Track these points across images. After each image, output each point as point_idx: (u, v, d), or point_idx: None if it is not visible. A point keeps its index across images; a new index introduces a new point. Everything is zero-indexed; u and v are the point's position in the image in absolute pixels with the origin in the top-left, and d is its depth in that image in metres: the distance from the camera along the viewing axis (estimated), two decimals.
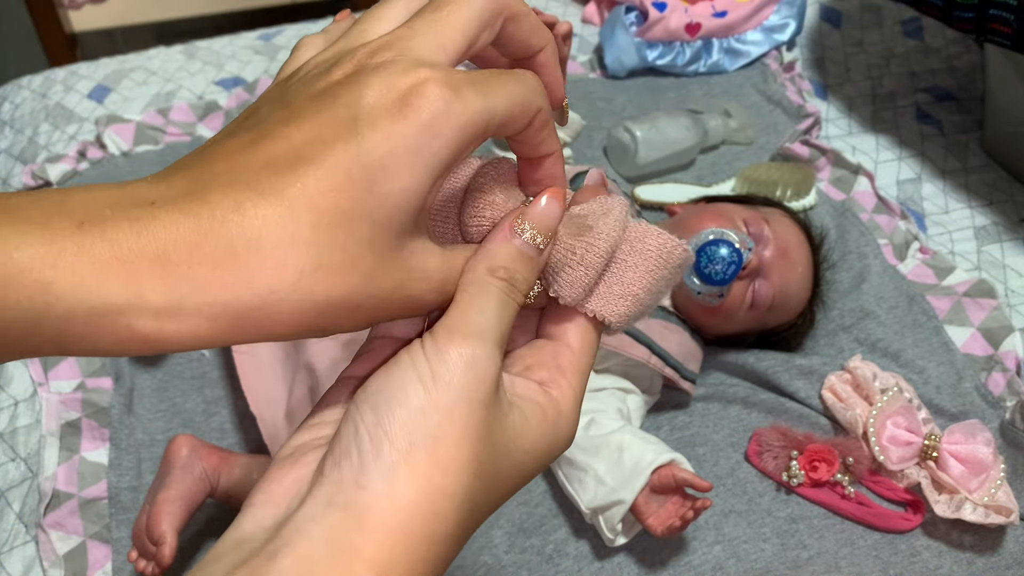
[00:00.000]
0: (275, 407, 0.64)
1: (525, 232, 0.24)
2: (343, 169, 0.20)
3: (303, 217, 0.19)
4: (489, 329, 0.22)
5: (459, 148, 0.21)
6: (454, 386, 0.21)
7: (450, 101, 0.20)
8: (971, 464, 0.64)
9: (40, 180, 0.85)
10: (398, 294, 0.21)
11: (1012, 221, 0.90)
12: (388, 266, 0.21)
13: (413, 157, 0.20)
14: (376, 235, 0.20)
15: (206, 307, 0.19)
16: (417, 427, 0.20)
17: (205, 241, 0.19)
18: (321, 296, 0.20)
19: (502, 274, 0.23)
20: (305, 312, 0.20)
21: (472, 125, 0.21)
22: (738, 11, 1.04)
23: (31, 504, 0.63)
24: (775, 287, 0.70)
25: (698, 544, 0.61)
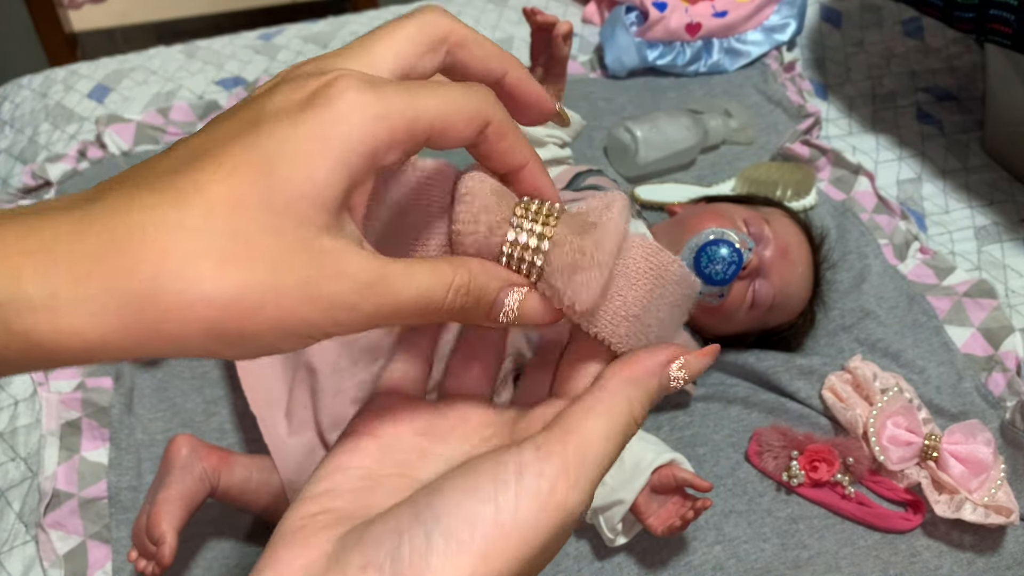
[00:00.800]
0: (275, 407, 0.64)
1: (675, 376, 0.23)
2: (239, 158, 0.19)
3: (194, 204, 0.18)
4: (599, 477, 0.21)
5: (372, 141, 0.19)
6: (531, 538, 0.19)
7: (362, 91, 0.19)
8: (971, 464, 0.64)
9: (40, 180, 0.85)
10: (308, 291, 0.19)
11: (1012, 221, 0.90)
12: (292, 259, 0.19)
13: (317, 144, 0.19)
14: (277, 224, 0.19)
15: (89, 300, 0.17)
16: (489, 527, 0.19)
17: (89, 232, 0.18)
18: (211, 286, 0.18)
19: (637, 411, 0.22)
20: (199, 311, 0.18)
21: (389, 118, 0.19)
22: (738, 11, 1.04)
23: (31, 504, 0.63)
24: (775, 287, 0.70)
25: (698, 544, 0.61)
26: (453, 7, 1.12)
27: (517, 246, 0.23)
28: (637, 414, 0.22)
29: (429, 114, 0.20)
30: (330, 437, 0.62)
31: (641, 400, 0.22)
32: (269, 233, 0.19)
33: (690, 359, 0.24)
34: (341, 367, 0.63)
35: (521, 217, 0.23)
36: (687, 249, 0.68)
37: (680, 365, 0.23)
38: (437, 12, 0.22)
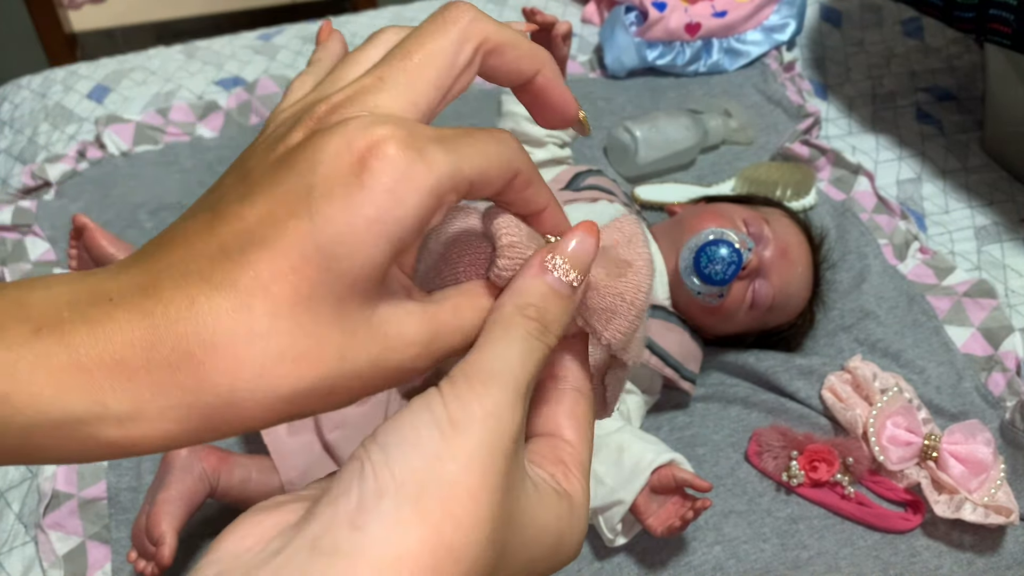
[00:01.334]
0: None
1: (557, 268, 0.22)
2: (297, 250, 0.18)
3: (258, 307, 0.18)
4: (512, 375, 0.20)
5: (425, 213, 0.19)
6: (474, 434, 0.19)
7: (413, 162, 0.19)
8: (971, 464, 0.64)
9: (40, 180, 0.85)
10: (378, 368, 0.20)
11: (1012, 221, 0.90)
12: (359, 342, 0.19)
13: (373, 227, 0.19)
14: (340, 313, 0.19)
15: (170, 410, 0.18)
16: (431, 473, 0.18)
17: (162, 343, 0.18)
18: (287, 388, 0.18)
19: (531, 313, 0.21)
20: (273, 405, 0.19)
21: (439, 188, 0.19)
22: (738, 11, 1.04)
23: (31, 504, 0.63)
24: (775, 287, 0.70)
25: (698, 544, 0.61)
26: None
27: None
28: (531, 314, 0.21)
29: (470, 175, 0.20)
30: (330, 437, 0.62)
31: (531, 301, 0.21)
32: (336, 323, 0.19)
33: (567, 244, 0.22)
34: None
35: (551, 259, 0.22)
36: (687, 249, 0.68)
37: (554, 258, 0.22)
38: (470, 15, 0.22)
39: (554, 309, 0.22)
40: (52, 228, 0.80)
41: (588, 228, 0.23)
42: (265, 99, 0.95)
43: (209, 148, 0.90)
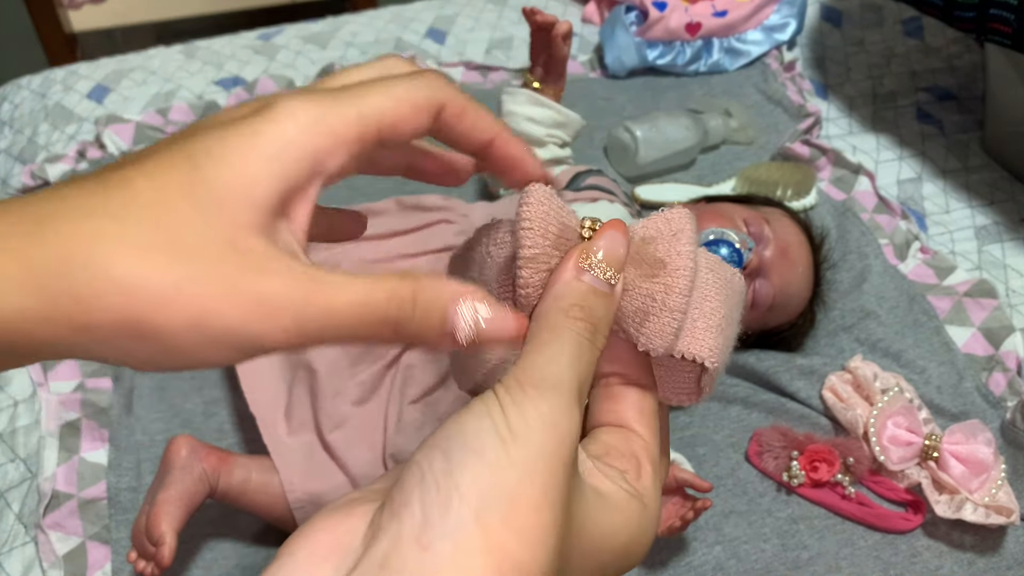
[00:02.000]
0: (274, 407, 0.64)
1: (594, 267, 0.22)
2: (167, 157, 0.19)
3: (115, 195, 0.18)
4: (566, 379, 0.20)
5: (313, 146, 0.19)
6: (534, 443, 0.18)
7: (301, 100, 0.19)
8: (972, 464, 0.64)
9: (39, 180, 0.85)
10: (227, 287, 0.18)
11: (1013, 221, 0.90)
12: (213, 252, 0.18)
13: (247, 143, 0.19)
14: (201, 218, 0.18)
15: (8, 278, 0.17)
16: (493, 483, 0.17)
17: (15, 218, 0.18)
18: (121, 271, 0.17)
19: (577, 313, 0.21)
20: (106, 292, 0.17)
21: (327, 122, 0.19)
22: (738, 10, 1.04)
23: (30, 505, 0.63)
24: (776, 287, 0.70)
25: (698, 544, 0.61)
26: (454, 7, 1.12)
27: None
28: (578, 315, 0.21)
29: (375, 112, 0.20)
30: (330, 438, 0.61)
31: (575, 302, 0.21)
32: (192, 226, 0.18)
33: (598, 244, 0.22)
34: (341, 368, 0.63)
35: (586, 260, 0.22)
36: None
37: (588, 259, 0.22)
38: (440, 80, 0.22)
39: (599, 308, 0.21)
40: None
41: (617, 226, 0.22)
42: None
43: None
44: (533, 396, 0.19)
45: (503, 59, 1.05)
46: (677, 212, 0.23)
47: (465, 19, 1.11)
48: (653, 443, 0.23)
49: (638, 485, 0.22)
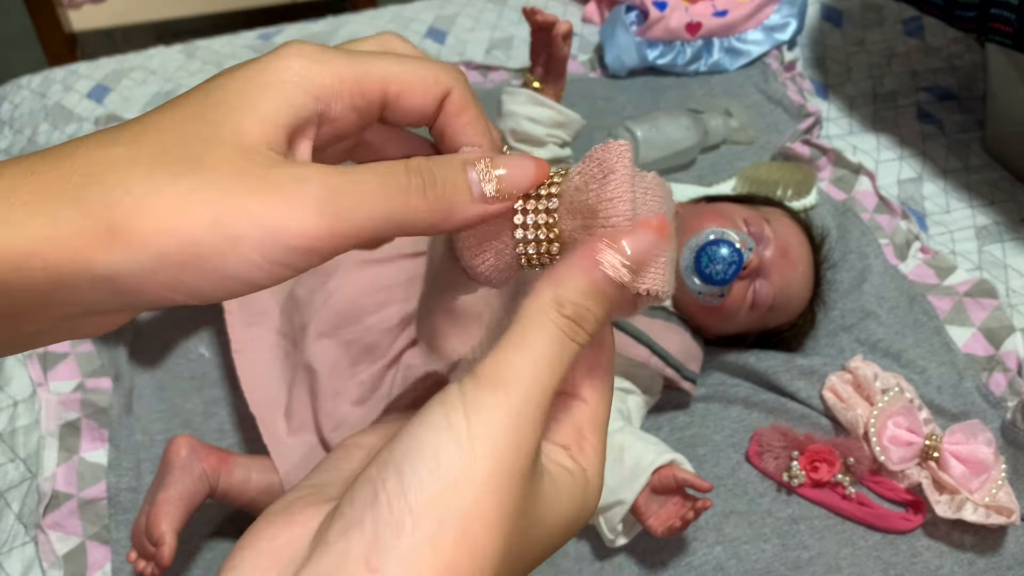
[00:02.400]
0: (274, 407, 0.64)
1: (616, 264, 0.20)
2: (183, 95, 0.21)
3: (131, 128, 0.20)
4: (539, 382, 0.19)
5: (317, 83, 0.20)
6: (495, 455, 0.18)
7: (310, 44, 0.21)
8: (972, 464, 0.64)
9: None
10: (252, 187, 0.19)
11: (1013, 221, 0.90)
12: (227, 155, 0.19)
13: (255, 78, 0.20)
14: (216, 149, 0.19)
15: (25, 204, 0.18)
16: (449, 505, 0.17)
17: (39, 160, 0.19)
18: (141, 188, 0.18)
19: (569, 311, 0.20)
20: (129, 206, 0.18)
21: (332, 64, 0.20)
22: (739, 10, 1.04)
23: (30, 505, 0.63)
24: (776, 287, 0.69)
25: (699, 545, 0.61)
26: (454, 6, 1.12)
27: (529, 256, 0.22)
28: (568, 311, 0.20)
29: (382, 73, 0.21)
30: (330, 438, 0.61)
31: (570, 298, 0.20)
32: (202, 139, 0.19)
33: (627, 240, 0.20)
34: (341, 368, 0.63)
35: (523, 226, 0.22)
36: (687, 249, 0.68)
37: (608, 251, 0.20)
38: (455, 70, 0.23)
39: (595, 308, 0.20)
40: None
41: (660, 227, 0.20)
42: None
43: None
44: (502, 397, 0.18)
45: (503, 59, 1.05)
46: (611, 148, 0.22)
47: (465, 19, 1.11)
48: (601, 408, 0.22)
49: (581, 459, 0.21)
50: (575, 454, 0.21)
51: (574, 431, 0.22)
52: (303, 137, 0.21)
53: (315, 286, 0.66)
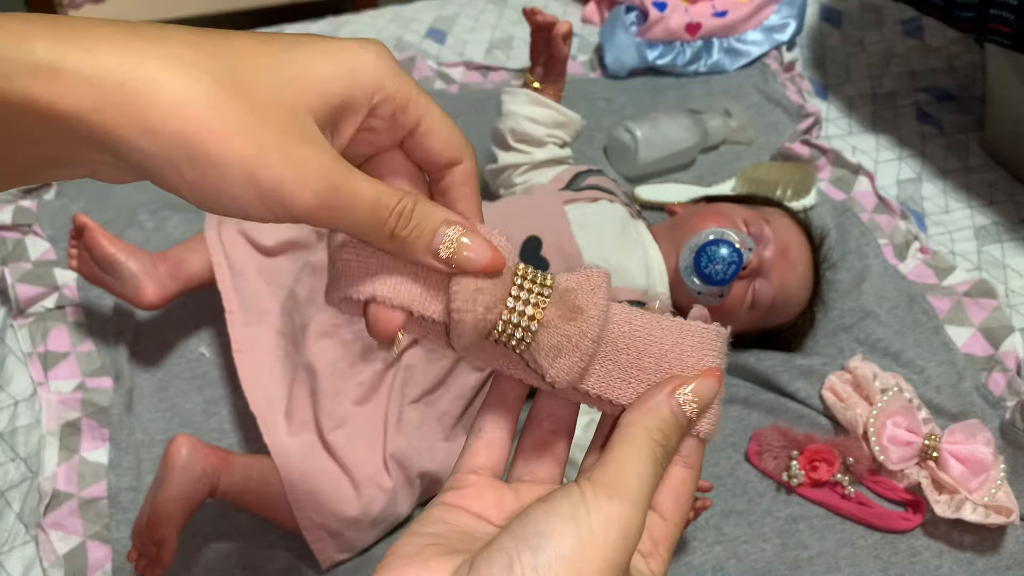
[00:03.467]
0: (275, 407, 0.64)
1: (685, 401, 0.26)
2: (268, 35, 0.24)
3: (213, 38, 0.23)
4: (644, 494, 0.24)
5: (386, 82, 0.24)
6: (608, 547, 0.23)
7: (385, 58, 0.25)
8: (971, 464, 0.64)
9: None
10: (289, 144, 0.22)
11: (1012, 221, 0.90)
12: (281, 113, 0.22)
13: (339, 51, 0.24)
14: (277, 87, 0.22)
15: (89, 75, 0.20)
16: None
17: (102, 25, 0.21)
18: (203, 97, 0.21)
19: (659, 437, 0.25)
20: (163, 100, 0.20)
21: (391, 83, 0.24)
22: (738, 11, 1.04)
23: (31, 504, 0.63)
24: (775, 287, 0.70)
25: (698, 544, 0.61)
26: (454, 7, 1.12)
27: (509, 324, 0.26)
28: (658, 439, 0.25)
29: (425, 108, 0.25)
30: (330, 438, 0.62)
31: (659, 427, 0.25)
32: (268, 88, 0.22)
33: (695, 384, 0.26)
34: (340, 368, 0.63)
35: (515, 298, 0.26)
36: (687, 249, 0.68)
37: (683, 391, 0.26)
38: (473, 148, 0.27)
39: (675, 436, 0.26)
40: (52, 228, 0.80)
41: (715, 375, 0.27)
42: None
43: None
44: (617, 504, 0.23)
45: (503, 59, 1.05)
46: (596, 271, 0.27)
47: (465, 19, 1.11)
48: (675, 526, 0.27)
49: (654, 566, 0.26)
50: (649, 562, 0.26)
51: (651, 542, 0.26)
52: (348, 123, 0.24)
53: (315, 286, 0.66)
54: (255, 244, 0.68)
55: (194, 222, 0.80)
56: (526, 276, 0.26)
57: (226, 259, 0.67)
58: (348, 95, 0.23)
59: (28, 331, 0.71)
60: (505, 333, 0.26)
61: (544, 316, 0.26)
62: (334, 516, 0.58)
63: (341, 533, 0.59)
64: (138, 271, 0.65)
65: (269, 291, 0.68)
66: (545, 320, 0.26)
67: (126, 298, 0.66)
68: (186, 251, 0.68)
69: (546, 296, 0.26)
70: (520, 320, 0.26)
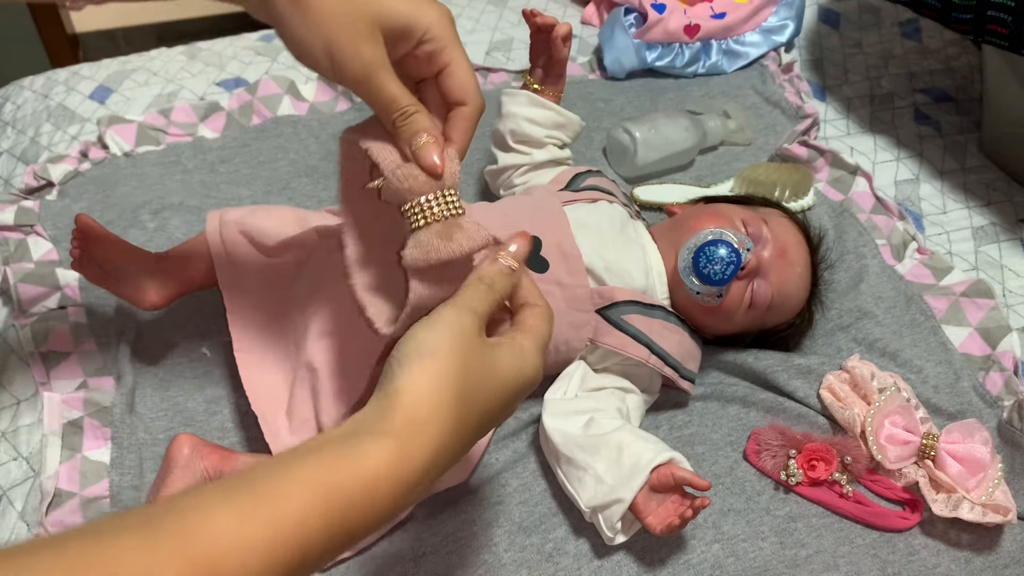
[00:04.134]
0: (276, 406, 0.64)
1: (505, 260, 0.43)
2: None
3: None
4: (471, 307, 0.40)
5: (428, 23, 0.41)
6: (449, 327, 0.39)
7: (443, 7, 0.42)
8: (969, 463, 0.64)
9: (42, 180, 0.86)
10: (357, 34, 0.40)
11: (1010, 221, 0.90)
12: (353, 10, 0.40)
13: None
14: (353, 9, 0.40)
15: None
16: (423, 347, 0.38)
17: None
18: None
19: (487, 280, 0.42)
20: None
21: (437, 25, 0.42)
22: (737, 12, 1.04)
23: (33, 503, 0.63)
24: (774, 287, 0.70)
25: (697, 543, 0.62)
26: (453, 8, 1.13)
27: (415, 206, 0.41)
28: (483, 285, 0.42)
29: (456, 54, 0.43)
30: None
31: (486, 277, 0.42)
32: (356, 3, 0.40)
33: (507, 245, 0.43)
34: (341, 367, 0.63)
35: (430, 198, 0.41)
36: (685, 249, 0.68)
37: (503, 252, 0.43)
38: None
39: (500, 280, 0.42)
40: (55, 228, 0.80)
41: (524, 236, 0.43)
42: (266, 100, 0.96)
43: (211, 149, 0.90)
44: (450, 309, 0.40)
45: (503, 60, 1.06)
46: (483, 235, 0.42)
47: (465, 20, 1.11)
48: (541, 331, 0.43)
49: (520, 339, 0.42)
50: (515, 336, 0.42)
51: (517, 331, 0.42)
52: (402, 45, 0.41)
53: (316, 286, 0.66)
54: (256, 244, 0.68)
55: (195, 223, 0.81)
56: (447, 196, 0.41)
57: (228, 259, 0.67)
58: (407, 25, 0.40)
59: (30, 331, 0.71)
60: (410, 210, 0.41)
61: (432, 221, 0.40)
62: None
63: None
64: (140, 271, 0.66)
65: (270, 291, 0.68)
66: (431, 225, 0.40)
67: (128, 298, 0.67)
68: (188, 251, 0.69)
69: (446, 216, 0.41)
70: (420, 209, 0.41)
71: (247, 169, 0.88)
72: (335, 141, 0.91)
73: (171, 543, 0.26)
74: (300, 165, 0.89)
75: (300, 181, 0.87)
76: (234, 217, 0.68)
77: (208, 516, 0.28)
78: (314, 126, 0.93)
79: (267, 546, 0.28)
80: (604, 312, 0.66)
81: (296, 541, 0.29)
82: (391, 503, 0.34)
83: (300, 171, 0.88)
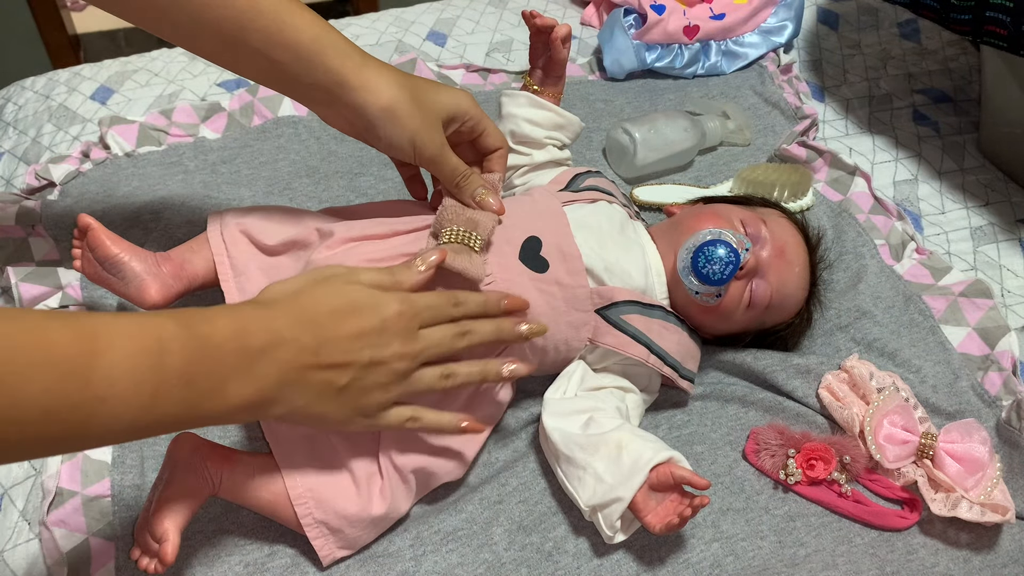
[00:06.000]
0: None
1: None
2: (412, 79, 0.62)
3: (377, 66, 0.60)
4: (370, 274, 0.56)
5: (468, 108, 0.63)
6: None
7: (470, 99, 0.65)
8: (967, 463, 0.64)
9: (44, 180, 0.86)
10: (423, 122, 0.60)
11: (1008, 222, 0.90)
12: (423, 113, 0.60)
13: (446, 88, 0.64)
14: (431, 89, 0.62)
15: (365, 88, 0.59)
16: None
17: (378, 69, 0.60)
18: (398, 95, 0.59)
19: (406, 277, 0.58)
20: (389, 99, 0.59)
21: (473, 108, 0.64)
22: (736, 13, 1.05)
23: (34, 502, 0.64)
24: (772, 287, 0.70)
25: (696, 542, 0.62)
26: (454, 10, 1.13)
27: (451, 231, 0.60)
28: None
29: (490, 127, 0.66)
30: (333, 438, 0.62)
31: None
32: (418, 89, 0.60)
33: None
34: None
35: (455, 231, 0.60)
36: (684, 249, 0.68)
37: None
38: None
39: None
40: (56, 228, 0.80)
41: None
42: (267, 101, 0.96)
43: (212, 149, 0.90)
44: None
45: (503, 62, 1.06)
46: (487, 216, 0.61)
47: (466, 22, 1.12)
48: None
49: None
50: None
51: None
52: (452, 126, 0.62)
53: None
54: (257, 243, 0.68)
55: (196, 222, 0.81)
56: (468, 232, 0.61)
57: (229, 258, 0.68)
58: (455, 113, 0.61)
59: None
60: (446, 232, 0.60)
61: (448, 246, 0.59)
62: (335, 513, 0.59)
63: (342, 530, 0.59)
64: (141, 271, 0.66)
65: None
66: (450, 248, 0.58)
67: (129, 298, 0.67)
68: (189, 251, 0.69)
69: (462, 243, 0.60)
70: (450, 235, 0.60)
71: (248, 169, 0.89)
72: (335, 142, 0.92)
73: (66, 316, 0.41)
74: (301, 165, 0.89)
75: (301, 181, 0.88)
76: (235, 217, 0.68)
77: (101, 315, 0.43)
78: (315, 127, 0.93)
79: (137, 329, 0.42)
80: (603, 312, 0.66)
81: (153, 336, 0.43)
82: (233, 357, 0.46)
83: (301, 171, 0.89)
